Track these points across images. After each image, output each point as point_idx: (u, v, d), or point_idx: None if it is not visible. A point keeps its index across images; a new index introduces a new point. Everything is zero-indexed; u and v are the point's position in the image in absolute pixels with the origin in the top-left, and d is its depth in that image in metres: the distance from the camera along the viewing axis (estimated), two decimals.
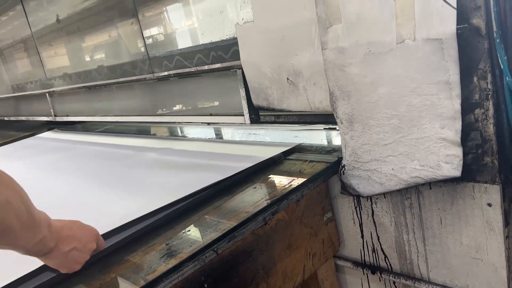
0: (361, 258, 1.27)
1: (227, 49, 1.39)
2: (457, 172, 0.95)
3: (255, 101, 1.36)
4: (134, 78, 1.89)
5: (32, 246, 0.71)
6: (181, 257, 0.84)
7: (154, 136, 2.09)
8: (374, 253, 1.23)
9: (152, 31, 1.75)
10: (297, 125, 1.47)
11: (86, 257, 0.83)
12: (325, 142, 1.39)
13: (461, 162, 0.94)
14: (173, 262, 0.82)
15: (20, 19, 2.67)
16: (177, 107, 1.83)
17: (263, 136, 1.64)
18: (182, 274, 0.82)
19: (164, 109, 1.90)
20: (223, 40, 1.40)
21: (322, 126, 1.50)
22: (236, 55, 1.35)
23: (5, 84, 3.35)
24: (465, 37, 0.86)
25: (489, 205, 0.94)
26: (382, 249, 1.21)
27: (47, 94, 2.76)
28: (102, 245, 0.88)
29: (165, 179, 1.32)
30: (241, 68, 1.35)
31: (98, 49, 2.16)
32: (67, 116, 2.69)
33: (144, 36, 1.76)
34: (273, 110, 1.33)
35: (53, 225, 0.76)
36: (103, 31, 2.04)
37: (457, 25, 0.85)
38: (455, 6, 0.84)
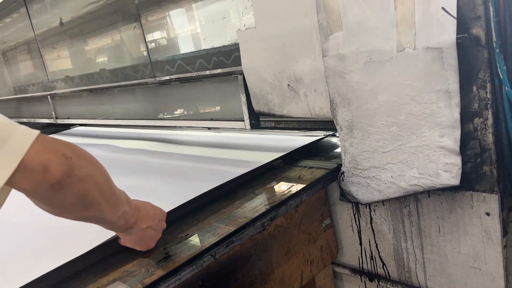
0: (359, 265, 1.27)
1: (229, 55, 1.40)
2: (455, 181, 0.95)
3: (255, 107, 1.37)
4: (135, 82, 1.90)
5: (115, 220, 0.78)
6: (178, 261, 0.84)
7: (153, 139, 2.10)
8: (372, 261, 1.23)
9: (155, 36, 1.76)
10: (297, 131, 1.48)
11: (159, 235, 0.90)
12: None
13: (460, 171, 0.94)
14: (170, 266, 0.82)
15: (24, 22, 2.69)
16: (178, 111, 1.84)
17: (263, 140, 1.64)
18: (179, 278, 0.82)
19: (165, 113, 1.91)
20: (224, 45, 1.41)
21: (322, 133, 1.51)
22: (237, 61, 1.35)
23: (7, 86, 3.36)
24: (465, 46, 0.86)
25: (488, 214, 0.94)
26: (380, 257, 1.21)
27: (48, 96, 2.77)
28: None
29: (163, 184, 1.32)
30: (242, 74, 1.35)
31: (100, 52, 2.17)
32: (68, 118, 2.70)
33: (147, 40, 1.77)
34: (274, 115, 1.34)
35: (132, 203, 0.83)
36: (106, 35, 2.05)
37: (457, 34, 0.85)
38: (455, 16, 0.85)
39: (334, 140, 1.41)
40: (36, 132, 0.59)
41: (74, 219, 0.71)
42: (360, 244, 1.24)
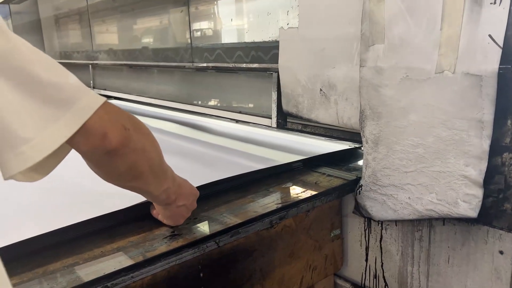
0: (361, 281, 1.26)
1: (268, 51, 1.41)
2: (473, 213, 0.92)
3: (284, 107, 1.37)
4: (174, 64, 1.94)
5: (158, 193, 0.80)
6: (182, 242, 0.85)
7: (181, 122, 2.13)
8: (375, 279, 1.21)
9: (199, 22, 1.79)
10: (324, 137, 1.47)
11: (189, 214, 0.93)
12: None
13: (480, 203, 0.91)
14: (174, 245, 0.84)
15: None
16: (210, 99, 1.86)
17: (290, 142, 1.64)
18: (180, 258, 0.83)
19: (197, 99, 1.93)
20: (265, 41, 1.42)
21: (348, 143, 1.49)
22: (274, 58, 1.36)
23: (54, 50, 3.48)
24: (506, 78, 0.84)
25: (501, 252, 0.91)
26: (384, 277, 1.19)
27: (90, 65, 2.86)
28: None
29: (180, 167, 1.34)
30: (277, 72, 1.36)
31: (145, 31, 2.22)
32: (105, 90, 2.78)
33: (191, 25, 1.80)
34: (301, 118, 1.34)
35: (176, 179, 0.85)
36: (154, 15, 2.10)
37: (500, 64, 0.83)
38: (501, 46, 0.83)
39: (358, 152, 1.40)
40: (103, 99, 0.62)
41: (121, 187, 0.74)
42: (366, 260, 1.23)
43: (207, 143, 1.68)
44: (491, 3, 0.84)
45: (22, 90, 0.54)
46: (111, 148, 0.62)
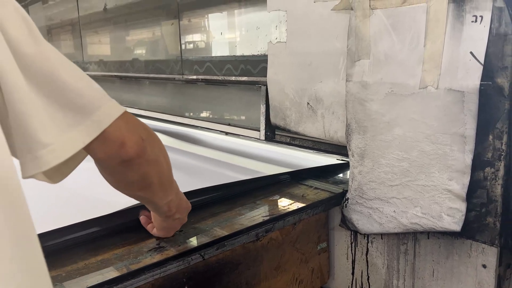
0: None
1: (256, 65, 1.42)
2: (457, 227, 0.93)
3: (273, 119, 1.38)
4: (164, 76, 1.95)
5: (161, 205, 0.81)
6: (167, 254, 0.85)
7: (170, 133, 2.13)
8: None
9: (190, 35, 1.81)
10: (312, 151, 1.48)
11: (179, 227, 0.94)
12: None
13: (463, 217, 0.93)
14: (158, 257, 0.84)
15: (73, 3, 2.79)
16: (199, 111, 1.87)
17: (279, 155, 1.65)
18: (165, 271, 0.83)
19: (187, 111, 1.94)
20: (254, 55, 1.44)
21: (336, 157, 1.50)
22: (263, 72, 1.37)
23: None
24: (487, 94, 0.86)
25: (484, 266, 0.92)
26: None
27: None
28: None
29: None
30: (266, 85, 1.37)
31: (136, 43, 2.23)
32: None
33: (181, 38, 1.81)
34: (289, 131, 1.35)
35: (179, 193, 0.87)
36: (145, 27, 2.11)
37: (482, 81, 0.85)
38: (483, 63, 0.85)
39: (345, 165, 1.41)
40: (123, 108, 0.62)
41: (128, 195, 0.75)
42: (353, 274, 1.23)
43: (196, 155, 1.68)
44: (472, 21, 0.86)
45: (47, 94, 0.55)
46: (127, 157, 0.63)
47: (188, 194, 1.06)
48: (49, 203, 1.11)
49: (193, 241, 0.91)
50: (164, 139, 1.99)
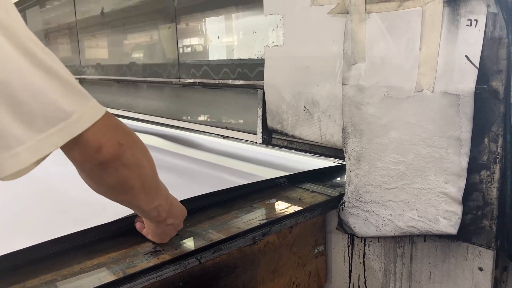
0: None
1: (253, 68, 1.43)
2: (453, 230, 0.94)
3: (269, 123, 1.39)
4: (161, 80, 1.95)
5: (148, 210, 0.80)
6: (163, 258, 0.84)
7: (167, 137, 2.13)
8: None
9: (187, 39, 1.81)
10: (309, 154, 1.48)
11: (174, 233, 0.92)
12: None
13: (459, 220, 0.93)
14: (154, 261, 0.83)
15: (70, 7, 2.79)
16: (196, 115, 1.87)
17: (277, 158, 1.65)
18: (161, 275, 0.83)
19: (184, 115, 1.94)
20: (251, 58, 1.44)
21: (333, 160, 1.51)
22: (260, 75, 1.38)
23: None
24: (483, 98, 0.86)
25: (480, 269, 0.92)
26: None
27: (77, 80, 2.85)
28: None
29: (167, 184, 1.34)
30: (263, 89, 1.37)
31: (134, 46, 2.23)
32: None
33: (178, 42, 1.81)
34: (285, 134, 1.35)
35: (169, 198, 0.85)
36: (142, 31, 2.11)
37: (477, 84, 0.86)
38: (478, 66, 0.85)
39: (342, 168, 1.41)
40: (104, 110, 0.62)
41: (111, 199, 0.75)
42: (350, 277, 1.23)
43: (194, 159, 1.68)
44: (467, 25, 0.87)
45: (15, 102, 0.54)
46: (103, 160, 0.63)
47: (185, 202, 1.06)
48: (45, 210, 1.11)
49: (190, 245, 0.90)
50: (161, 143, 2.00)
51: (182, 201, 1.00)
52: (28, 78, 0.54)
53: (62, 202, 1.15)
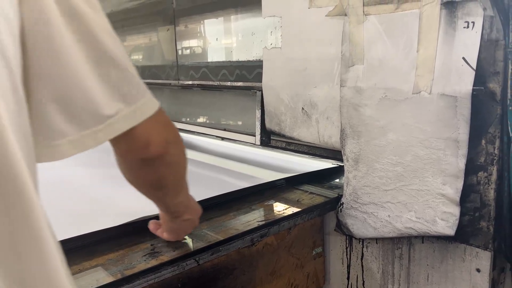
0: None
1: (251, 70, 1.43)
2: (451, 231, 0.94)
3: (268, 125, 1.39)
4: (160, 81, 1.95)
5: (172, 205, 0.80)
6: (161, 259, 0.85)
7: None
8: None
9: (185, 41, 1.81)
10: (306, 156, 1.48)
11: (191, 230, 0.92)
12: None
13: (457, 221, 0.93)
14: (153, 263, 0.83)
15: None
16: (195, 117, 1.87)
17: (275, 160, 1.65)
18: (159, 276, 0.83)
19: (183, 117, 1.94)
20: (249, 60, 1.44)
21: (331, 162, 1.51)
22: (258, 77, 1.38)
23: None
24: (480, 99, 0.87)
25: (478, 270, 0.93)
26: None
27: None
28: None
29: None
30: (261, 90, 1.38)
31: (133, 48, 2.24)
32: None
33: (177, 43, 1.82)
34: (284, 136, 1.35)
35: (188, 195, 0.84)
36: (142, 33, 2.11)
37: (474, 86, 0.86)
38: (475, 68, 0.86)
39: (340, 169, 1.41)
40: (157, 105, 0.59)
41: (142, 192, 0.74)
42: (348, 278, 1.23)
43: (192, 160, 1.68)
44: (464, 27, 0.87)
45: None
46: (149, 157, 0.62)
47: None
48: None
49: (188, 246, 0.91)
50: None
51: None
52: (81, 74, 0.51)
53: (63, 201, 1.15)
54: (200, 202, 1.09)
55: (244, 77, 1.46)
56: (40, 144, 0.51)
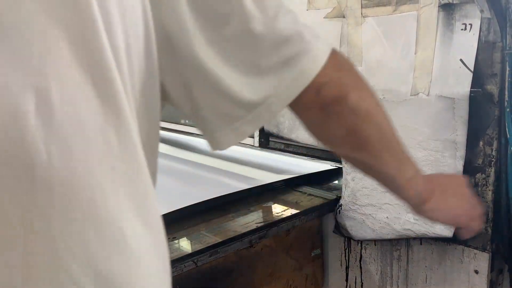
0: None
1: None
2: (449, 233, 0.94)
3: (266, 126, 1.39)
4: None
5: (404, 183, 0.61)
6: None
7: (165, 141, 2.13)
8: None
9: None
10: (305, 157, 1.48)
11: (471, 226, 0.69)
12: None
13: None
14: None
15: None
16: None
17: (274, 161, 1.65)
18: None
19: (182, 118, 1.94)
20: None
21: (330, 163, 1.51)
22: None
23: None
24: (478, 101, 0.87)
25: (476, 272, 0.93)
26: None
27: None
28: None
29: (161, 186, 1.34)
30: None
31: None
32: None
33: None
34: (282, 138, 1.35)
35: (417, 169, 0.65)
36: None
37: (472, 88, 0.86)
38: (472, 70, 0.86)
39: (339, 171, 1.41)
40: (330, 48, 0.52)
41: (345, 158, 0.64)
42: (346, 280, 1.23)
43: (192, 162, 1.68)
44: (461, 29, 0.88)
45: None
46: (324, 103, 0.53)
47: (185, 209, 1.06)
48: None
49: (186, 248, 0.91)
50: (160, 146, 1.99)
51: (180, 209, 1.00)
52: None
53: None
54: (199, 204, 1.10)
55: None
56: (223, 131, 0.51)
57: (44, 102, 0.36)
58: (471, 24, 0.86)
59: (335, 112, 0.54)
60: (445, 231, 0.94)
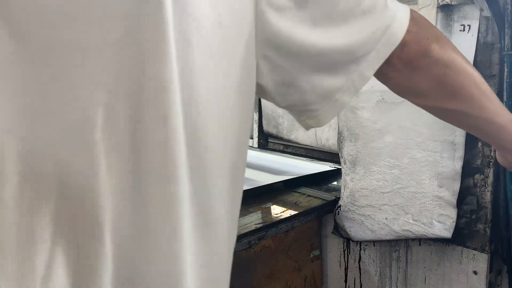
0: None
1: None
2: (448, 233, 0.94)
3: (265, 127, 1.39)
4: None
5: (507, 122, 0.58)
6: None
7: None
8: None
9: None
10: (304, 158, 1.49)
11: None
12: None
13: (454, 224, 0.93)
14: None
15: None
16: None
17: (273, 163, 1.65)
18: None
19: None
20: None
21: (328, 164, 1.51)
22: None
23: None
24: None
25: (475, 273, 0.93)
26: None
27: None
28: None
29: None
30: None
31: None
32: None
33: None
34: (281, 139, 1.35)
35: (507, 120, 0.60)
36: None
37: None
38: None
39: (338, 172, 1.42)
40: (408, 9, 0.54)
41: (436, 111, 0.62)
42: (345, 281, 1.23)
43: None
44: (460, 30, 0.88)
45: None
46: (409, 58, 0.54)
47: None
48: None
49: None
50: None
51: None
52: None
53: None
54: None
55: None
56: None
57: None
58: (469, 25, 0.86)
59: (421, 66, 0.55)
60: (444, 232, 0.94)
